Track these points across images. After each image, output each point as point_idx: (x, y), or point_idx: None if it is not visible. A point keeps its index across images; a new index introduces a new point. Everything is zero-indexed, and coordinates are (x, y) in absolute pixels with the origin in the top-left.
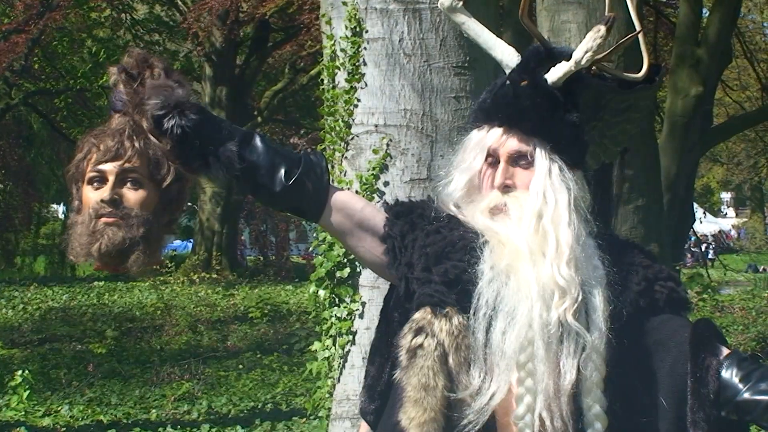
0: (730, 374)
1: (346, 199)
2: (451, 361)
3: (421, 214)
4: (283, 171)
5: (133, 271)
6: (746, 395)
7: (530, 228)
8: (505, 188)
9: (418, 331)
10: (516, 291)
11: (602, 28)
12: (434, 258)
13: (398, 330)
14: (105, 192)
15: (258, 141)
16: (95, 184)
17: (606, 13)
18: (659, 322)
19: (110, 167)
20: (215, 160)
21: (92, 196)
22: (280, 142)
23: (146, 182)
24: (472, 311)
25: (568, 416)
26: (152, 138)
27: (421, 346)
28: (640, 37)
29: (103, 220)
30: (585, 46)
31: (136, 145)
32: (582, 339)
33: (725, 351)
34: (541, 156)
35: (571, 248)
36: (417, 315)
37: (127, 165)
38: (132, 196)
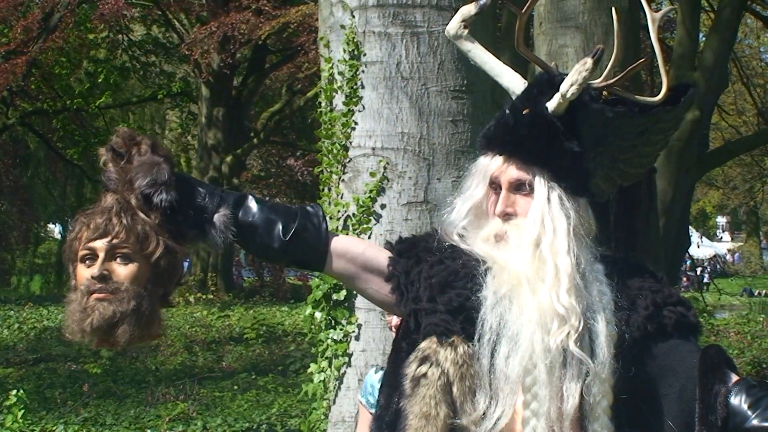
0: (738, 401)
1: (347, 244)
2: (455, 390)
3: (425, 247)
4: (280, 227)
5: (122, 344)
6: (755, 422)
7: (528, 255)
8: (506, 216)
9: (423, 360)
10: (518, 316)
11: (589, 61)
12: (438, 288)
13: (405, 359)
14: (95, 268)
15: (252, 202)
16: (87, 261)
17: (615, 37)
18: (668, 348)
19: (99, 244)
20: (211, 227)
21: (84, 273)
22: (276, 164)
23: (136, 257)
24: (476, 337)
25: None
26: (140, 213)
27: (425, 375)
28: (660, 60)
29: (95, 296)
30: (571, 79)
31: (124, 221)
32: (585, 365)
33: (734, 377)
34: (540, 184)
35: (570, 276)
36: (423, 344)
37: (115, 241)
38: (122, 271)
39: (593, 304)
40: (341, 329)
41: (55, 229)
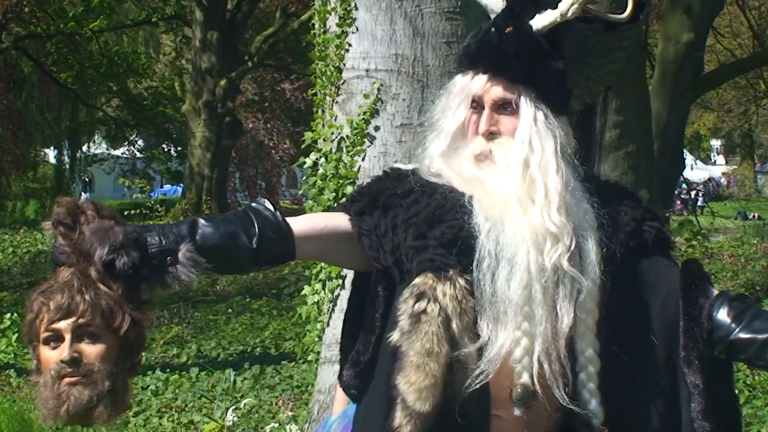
0: (722, 314)
1: (307, 224)
2: (454, 326)
3: (390, 193)
4: (243, 238)
5: (100, 424)
6: (741, 334)
7: (517, 176)
8: (490, 135)
9: (420, 296)
10: (513, 237)
11: None
12: (426, 224)
13: (383, 303)
14: (63, 352)
15: (203, 225)
16: (51, 343)
17: None
18: (648, 263)
19: (64, 325)
20: (181, 266)
21: (51, 356)
22: (270, 88)
23: (103, 334)
24: (475, 264)
25: (565, 359)
26: (102, 286)
27: (424, 311)
28: None
29: (66, 380)
30: None
31: (87, 297)
32: (578, 283)
33: (715, 291)
34: (526, 104)
35: (560, 195)
36: (417, 280)
37: (81, 320)
38: (91, 350)
39: (581, 222)
40: None
41: (50, 154)
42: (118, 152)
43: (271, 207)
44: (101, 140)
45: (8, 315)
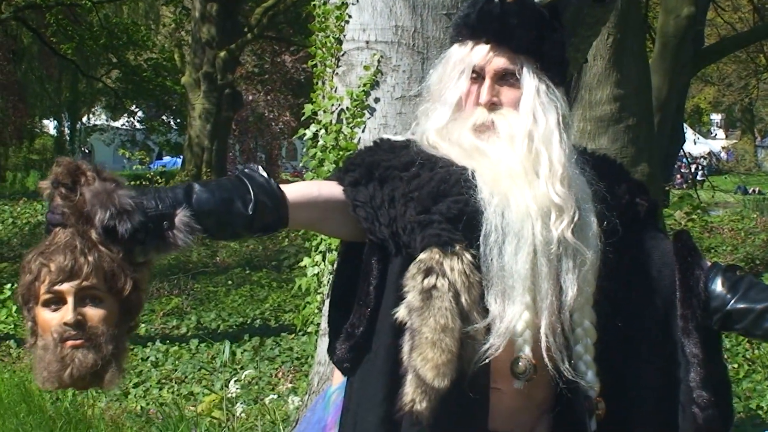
0: (717, 285)
1: (302, 192)
2: (463, 300)
3: (387, 165)
4: (239, 204)
5: (110, 388)
6: (738, 305)
7: (523, 148)
8: (492, 106)
9: (428, 272)
10: (518, 210)
11: None
12: (430, 199)
13: (378, 275)
14: (68, 314)
15: (198, 190)
16: (52, 306)
17: None
18: (642, 235)
19: (67, 287)
20: (177, 231)
21: (51, 318)
22: (270, 59)
23: (105, 297)
24: (481, 238)
25: (569, 331)
26: (103, 249)
27: (434, 286)
28: None
29: (70, 343)
30: None
31: (91, 259)
32: (580, 255)
33: (708, 262)
34: (528, 75)
35: (563, 166)
36: (423, 255)
37: (85, 283)
38: (94, 313)
39: (583, 195)
40: None
41: (50, 125)
42: (117, 124)
43: (264, 173)
44: (101, 111)
45: (8, 285)
